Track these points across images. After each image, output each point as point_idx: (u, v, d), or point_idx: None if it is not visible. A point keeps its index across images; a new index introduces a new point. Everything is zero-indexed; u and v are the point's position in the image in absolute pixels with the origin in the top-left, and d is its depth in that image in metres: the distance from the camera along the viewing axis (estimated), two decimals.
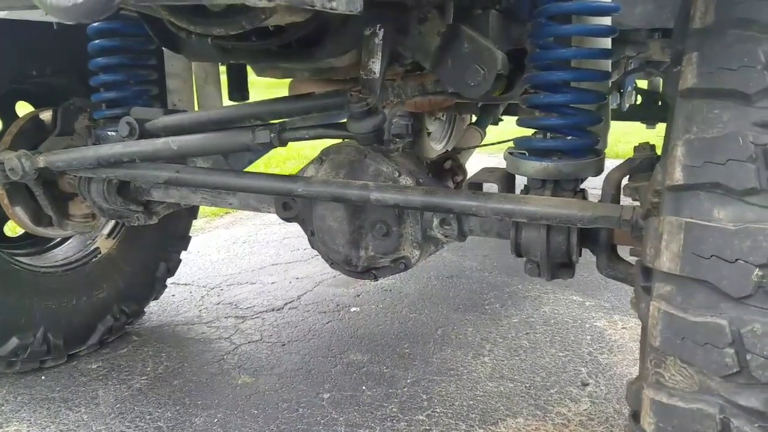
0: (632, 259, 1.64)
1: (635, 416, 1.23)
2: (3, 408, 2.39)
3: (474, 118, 3.33)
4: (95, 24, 2.16)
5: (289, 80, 2.34)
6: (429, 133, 4.65)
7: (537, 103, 1.73)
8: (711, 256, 1.06)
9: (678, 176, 1.11)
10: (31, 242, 2.73)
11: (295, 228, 4.54)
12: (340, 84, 2.11)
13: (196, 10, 1.44)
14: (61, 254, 2.74)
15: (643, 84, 4.46)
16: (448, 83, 1.76)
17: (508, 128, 3.83)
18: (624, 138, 8.02)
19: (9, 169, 2.19)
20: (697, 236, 1.07)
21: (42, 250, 2.74)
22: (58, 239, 2.76)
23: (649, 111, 4.47)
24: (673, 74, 1.22)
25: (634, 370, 2.59)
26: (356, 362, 2.71)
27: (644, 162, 1.60)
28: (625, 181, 1.63)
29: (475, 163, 3.17)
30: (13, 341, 2.44)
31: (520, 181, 1.78)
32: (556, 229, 1.66)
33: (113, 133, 2.17)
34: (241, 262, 4.04)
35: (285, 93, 2.23)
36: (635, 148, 1.64)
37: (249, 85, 2.78)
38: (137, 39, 2.22)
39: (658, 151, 1.60)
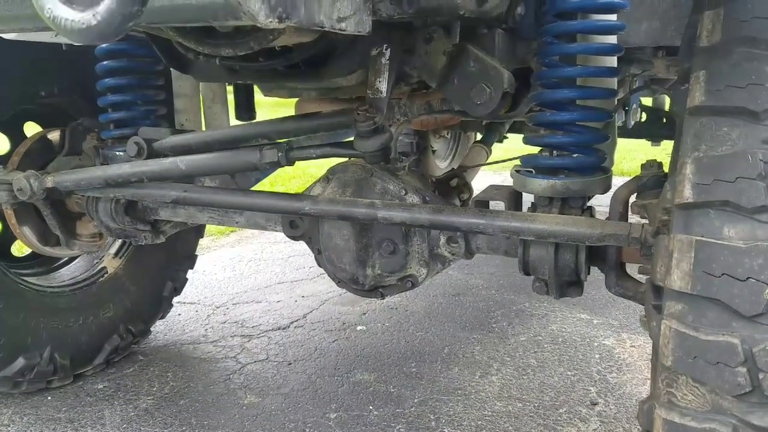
0: (641, 277, 1.63)
1: None
2: (9, 428, 2.38)
3: (479, 136, 3.34)
4: (103, 45, 2.18)
5: (294, 99, 2.36)
6: (434, 151, 4.66)
7: (544, 121, 1.73)
8: (722, 274, 1.05)
9: (687, 194, 1.10)
10: (38, 262, 2.73)
11: (300, 246, 4.55)
12: (346, 103, 2.12)
13: (204, 32, 1.45)
14: (68, 274, 2.74)
15: (647, 101, 4.47)
16: (455, 102, 1.77)
17: (512, 146, 3.84)
18: (628, 155, 8.03)
19: (17, 189, 2.19)
20: (708, 254, 1.07)
21: (49, 270, 2.74)
22: (65, 259, 2.76)
23: (654, 128, 4.47)
24: (681, 92, 1.23)
25: (644, 389, 2.57)
26: (363, 382, 2.69)
27: (652, 179, 1.59)
28: (632, 198, 1.63)
29: (479, 181, 3.18)
30: (20, 361, 2.44)
31: (527, 199, 1.78)
32: (564, 247, 1.66)
33: (121, 153, 2.18)
34: (246, 281, 4.03)
35: (291, 112, 2.24)
36: (642, 166, 1.64)
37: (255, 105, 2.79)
38: (145, 60, 2.24)
39: (665, 169, 1.60)
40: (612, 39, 1.73)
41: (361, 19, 1.05)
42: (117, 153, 2.21)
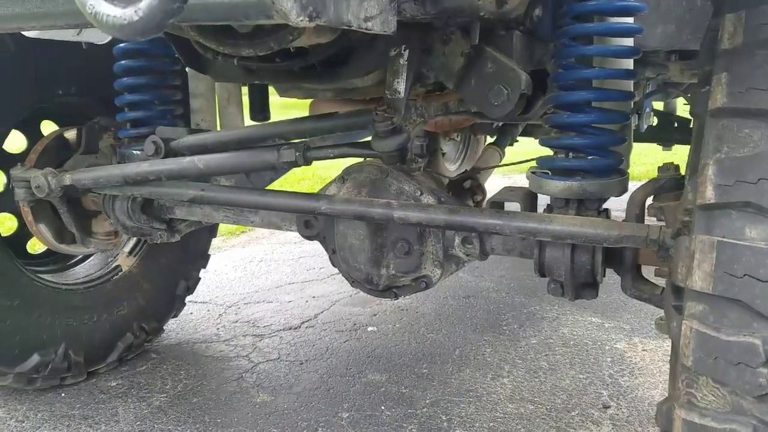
0: (656, 280, 1.63)
1: None
2: (24, 425, 2.40)
3: (488, 139, 3.34)
4: (121, 44, 2.21)
5: (304, 101, 2.37)
6: (443, 154, 4.67)
7: (561, 123, 1.73)
8: (744, 275, 1.06)
9: (709, 195, 1.11)
10: (53, 259, 2.76)
11: (310, 247, 4.58)
12: (360, 104, 2.13)
13: (225, 31, 1.47)
14: (82, 271, 2.76)
15: (658, 106, 4.47)
16: (472, 103, 1.78)
17: (522, 149, 3.85)
18: (638, 159, 8.02)
19: (35, 187, 2.22)
20: (730, 255, 1.07)
21: (64, 267, 2.77)
22: (80, 257, 2.79)
23: (665, 133, 4.47)
24: (702, 94, 1.23)
25: (656, 393, 2.57)
26: (374, 382, 2.70)
27: (669, 182, 1.60)
28: (649, 201, 1.63)
29: (488, 184, 3.18)
30: (35, 358, 2.46)
31: (541, 202, 1.79)
32: (580, 248, 1.66)
33: (138, 152, 2.20)
34: (257, 281, 4.05)
35: (300, 113, 2.25)
36: (659, 168, 1.65)
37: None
38: (163, 60, 2.26)
39: (683, 171, 1.61)
40: (628, 42, 1.74)
41: (386, 18, 1.06)
42: (134, 152, 2.23)
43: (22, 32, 1.71)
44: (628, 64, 1.80)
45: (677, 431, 1.14)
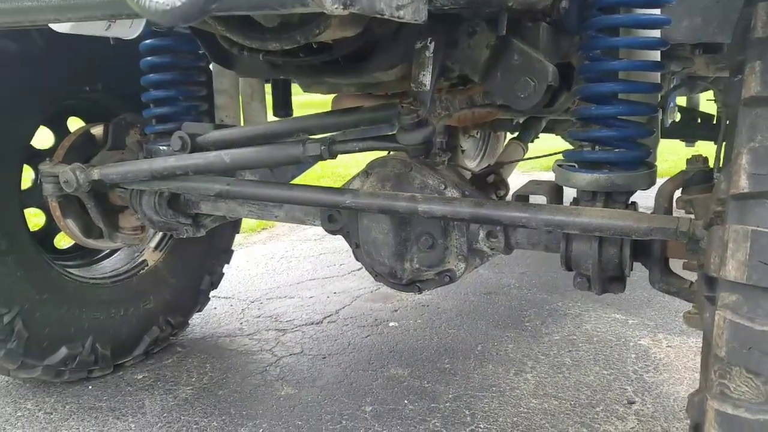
0: (684, 274, 1.62)
1: (697, 429, 1.21)
2: (52, 417, 2.43)
3: (508, 136, 3.32)
4: (147, 41, 2.23)
5: (325, 99, 2.38)
6: (463, 151, 4.65)
7: (588, 115, 1.72)
8: None
9: (743, 184, 1.10)
10: (81, 254, 2.79)
11: (330, 244, 4.60)
12: (383, 99, 2.14)
13: (252, 25, 1.48)
14: (109, 266, 2.79)
15: (681, 101, 4.42)
16: (498, 95, 1.78)
17: (540, 146, 3.82)
18: (661, 156, 7.92)
19: (64, 182, 2.25)
20: (764, 245, 1.06)
21: (91, 262, 2.80)
22: (107, 251, 2.82)
23: (688, 129, 4.42)
24: (735, 83, 1.22)
25: (681, 389, 2.55)
26: (397, 376, 2.71)
27: (698, 174, 1.59)
28: (677, 193, 1.62)
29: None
30: (63, 351, 2.49)
31: (567, 196, 1.78)
32: (608, 241, 1.65)
33: (164, 148, 2.22)
34: (279, 277, 4.07)
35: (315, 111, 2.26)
36: (688, 161, 1.64)
37: None
38: (188, 56, 2.28)
39: (711, 164, 1.59)
40: (655, 33, 1.72)
41: (417, 7, 1.07)
42: (160, 147, 2.25)
43: (51, 27, 1.73)
44: (655, 55, 1.79)
45: (710, 422, 1.13)
